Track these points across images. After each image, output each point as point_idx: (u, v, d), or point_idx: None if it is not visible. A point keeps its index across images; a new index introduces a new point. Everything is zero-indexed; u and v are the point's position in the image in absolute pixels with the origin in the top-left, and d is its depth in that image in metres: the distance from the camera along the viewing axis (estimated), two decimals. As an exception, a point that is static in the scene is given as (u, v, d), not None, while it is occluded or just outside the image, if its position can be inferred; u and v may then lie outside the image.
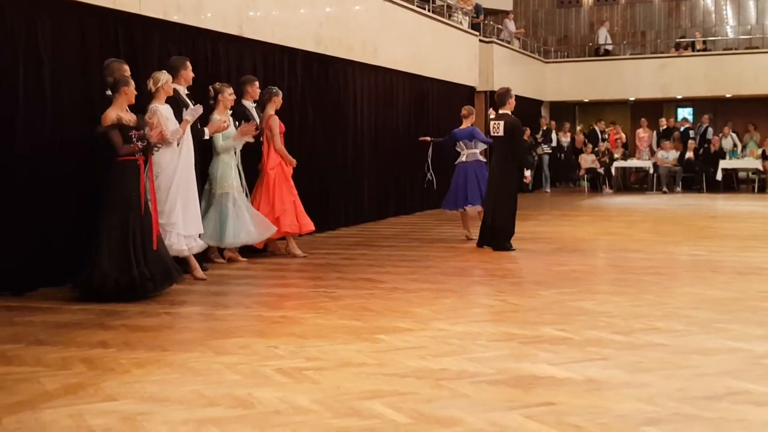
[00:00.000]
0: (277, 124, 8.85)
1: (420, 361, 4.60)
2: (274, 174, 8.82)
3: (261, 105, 9.03)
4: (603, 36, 23.97)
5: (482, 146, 10.81)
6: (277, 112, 8.98)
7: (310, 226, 9.19)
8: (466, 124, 10.68)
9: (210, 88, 8.42)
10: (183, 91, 7.76)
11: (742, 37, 24.56)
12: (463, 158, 10.69)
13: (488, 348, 4.94)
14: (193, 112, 7.32)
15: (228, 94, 8.40)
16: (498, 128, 9.53)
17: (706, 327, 5.47)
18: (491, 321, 5.80)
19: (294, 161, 8.94)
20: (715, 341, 5.06)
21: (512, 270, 8.39)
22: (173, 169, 7.25)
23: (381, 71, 13.72)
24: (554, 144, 21.48)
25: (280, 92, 9.06)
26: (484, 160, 10.94)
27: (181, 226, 7.34)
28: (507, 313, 6.07)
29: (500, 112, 9.69)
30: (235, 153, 8.52)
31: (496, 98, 9.95)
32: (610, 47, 24.17)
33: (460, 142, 10.69)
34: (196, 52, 8.83)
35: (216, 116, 8.21)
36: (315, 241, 10.36)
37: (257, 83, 9.14)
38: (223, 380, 4.28)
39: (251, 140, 8.55)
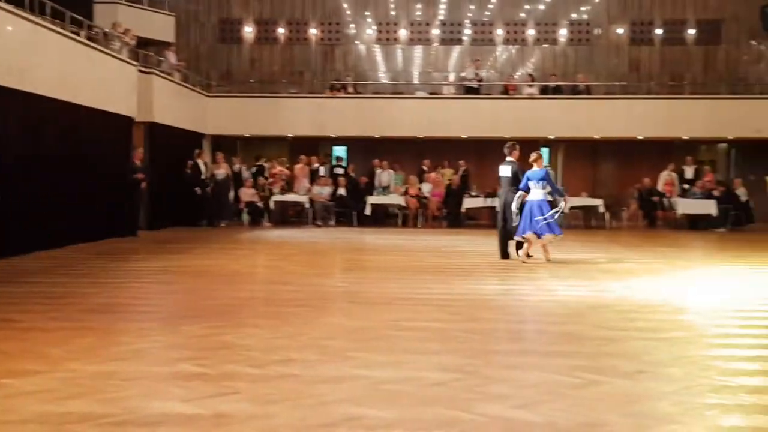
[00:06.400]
0: None
1: (43, 405, 4.40)
2: None
3: None
4: (471, 74, 24.12)
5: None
6: None
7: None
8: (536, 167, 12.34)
9: None
10: None
11: (390, 82, 26.58)
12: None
13: (120, 387, 4.85)
14: None
15: None
16: (506, 171, 12.65)
17: (336, 356, 5.81)
18: (128, 360, 5.68)
19: None
20: (342, 369, 5.40)
21: (161, 305, 8.31)
22: None
23: (29, 96, 12.95)
24: (204, 177, 20.58)
25: None
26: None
27: None
28: (146, 351, 6.00)
29: (507, 159, 12.73)
30: None
31: (505, 149, 12.83)
32: (475, 85, 23.95)
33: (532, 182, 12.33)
34: None
35: None
36: (-55, 279, 9.48)
37: None
38: None
39: None
